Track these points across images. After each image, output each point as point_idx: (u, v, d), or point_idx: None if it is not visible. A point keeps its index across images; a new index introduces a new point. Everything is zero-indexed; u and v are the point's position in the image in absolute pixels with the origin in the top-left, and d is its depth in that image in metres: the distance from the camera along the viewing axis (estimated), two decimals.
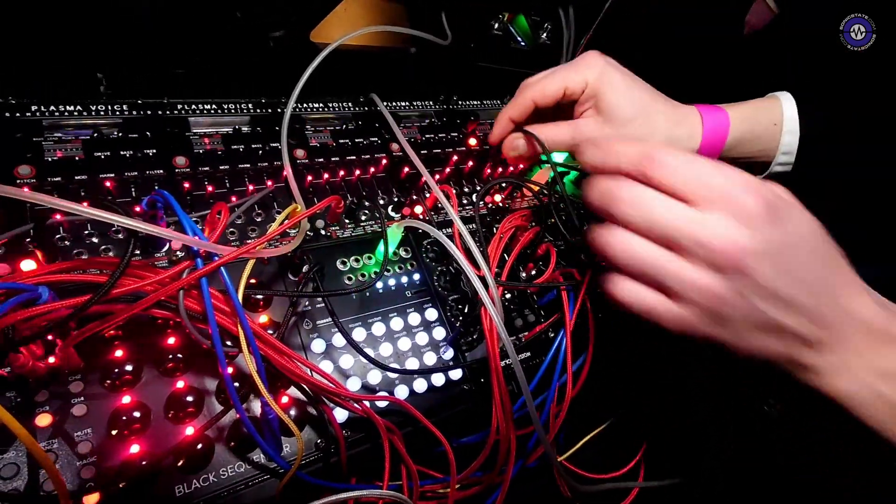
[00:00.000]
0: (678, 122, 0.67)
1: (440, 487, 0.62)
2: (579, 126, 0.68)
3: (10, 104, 0.57)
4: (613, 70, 0.66)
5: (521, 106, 0.70)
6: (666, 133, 0.66)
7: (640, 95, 0.66)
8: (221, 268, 0.43)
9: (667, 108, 0.67)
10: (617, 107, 0.65)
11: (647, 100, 0.66)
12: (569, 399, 0.61)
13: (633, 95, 0.65)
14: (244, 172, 0.65)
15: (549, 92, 0.67)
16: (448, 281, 0.69)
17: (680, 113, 0.68)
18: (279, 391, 0.52)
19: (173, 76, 0.68)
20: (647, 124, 0.66)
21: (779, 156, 0.68)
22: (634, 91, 0.66)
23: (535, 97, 0.68)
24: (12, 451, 0.42)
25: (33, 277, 0.41)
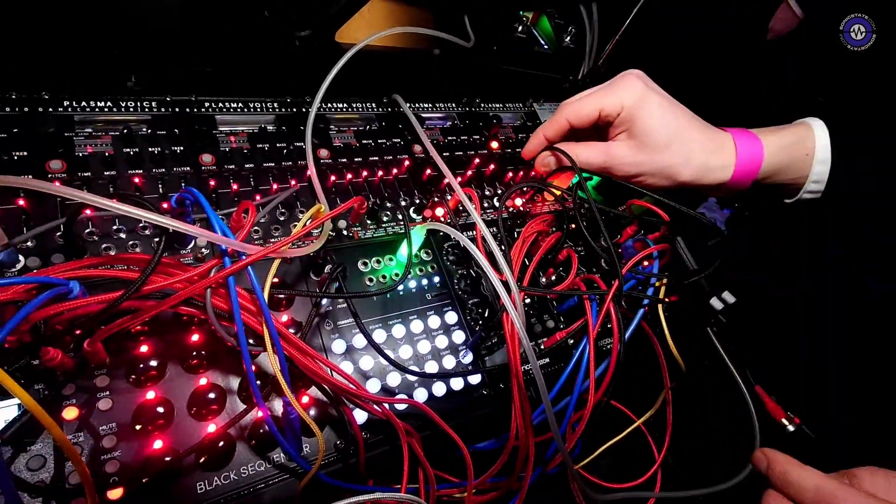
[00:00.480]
0: (713, 151, 0.66)
1: (457, 492, 0.62)
2: (611, 149, 0.68)
3: (44, 99, 0.58)
4: (652, 94, 0.65)
5: (557, 125, 0.71)
6: (700, 162, 0.66)
7: (677, 122, 0.65)
8: (248, 267, 0.43)
9: (702, 136, 0.66)
10: (652, 133, 0.64)
11: (682, 126, 0.66)
12: (591, 407, 0.60)
13: (668, 122, 0.65)
14: (269, 171, 0.65)
15: (585, 113, 0.68)
16: (468, 284, 0.68)
17: (715, 141, 0.67)
18: (300, 391, 0.52)
19: (201, 74, 0.68)
20: (681, 152, 0.65)
21: (809, 184, 0.67)
22: (670, 117, 0.65)
23: (571, 117, 0.69)
24: (39, 442, 0.43)
25: (65, 272, 0.41)
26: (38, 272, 0.44)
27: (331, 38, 0.75)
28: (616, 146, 0.67)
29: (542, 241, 0.70)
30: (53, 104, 0.59)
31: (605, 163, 0.68)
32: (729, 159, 0.66)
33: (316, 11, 0.72)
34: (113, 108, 0.61)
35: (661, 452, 0.79)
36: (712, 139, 0.67)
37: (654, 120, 0.64)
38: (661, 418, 0.78)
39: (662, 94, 0.67)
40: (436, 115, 0.85)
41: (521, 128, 0.92)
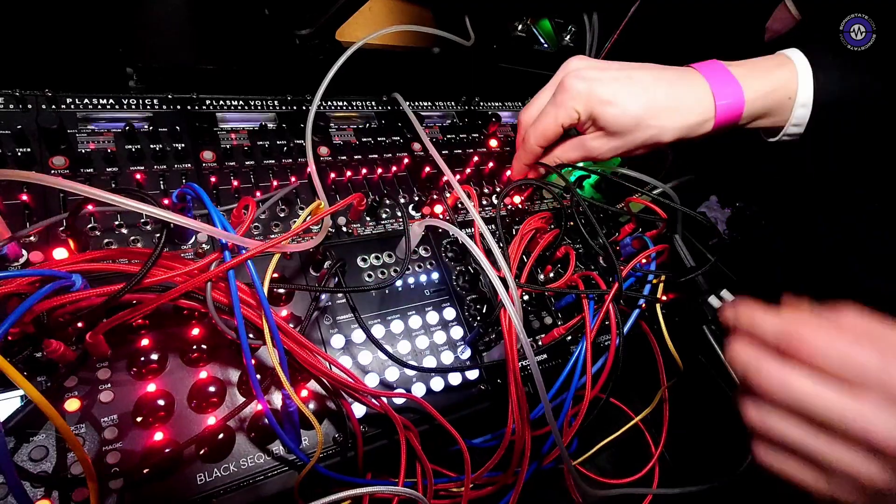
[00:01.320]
0: (687, 109, 0.63)
1: (454, 486, 0.63)
2: (586, 143, 0.68)
3: (46, 96, 0.59)
4: (597, 85, 0.63)
5: (531, 152, 0.72)
6: (676, 125, 0.64)
7: (636, 100, 0.63)
8: (248, 261, 0.43)
9: (668, 98, 0.64)
10: (615, 122, 0.64)
11: (644, 100, 0.63)
12: (587, 402, 0.61)
13: (627, 104, 0.63)
14: (269, 168, 0.66)
15: (550, 135, 0.68)
16: (466, 280, 0.69)
17: (685, 97, 0.64)
18: (299, 384, 0.53)
19: (203, 72, 0.69)
20: (652, 125, 0.64)
21: (788, 127, 0.65)
22: (627, 100, 0.63)
23: (540, 142, 0.70)
24: (42, 433, 0.43)
25: (67, 265, 0.42)
26: (40, 265, 0.45)
27: (331, 37, 0.76)
28: (589, 139, 0.68)
29: (540, 238, 0.71)
30: (56, 101, 0.59)
31: (584, 154, 0.69)
32: (708, 112, 0.64)
33: (316, 10, 0.72)
34: (115, 106, 0.62)
35: (658, 449, 0.79)
36: (681, 96, 0.64)
37: (612, 111, 0.63)
38: (659, 415, 0.79)
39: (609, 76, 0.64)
40: (435, 113, 0.86)
41: None
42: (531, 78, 0.98)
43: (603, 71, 0.66)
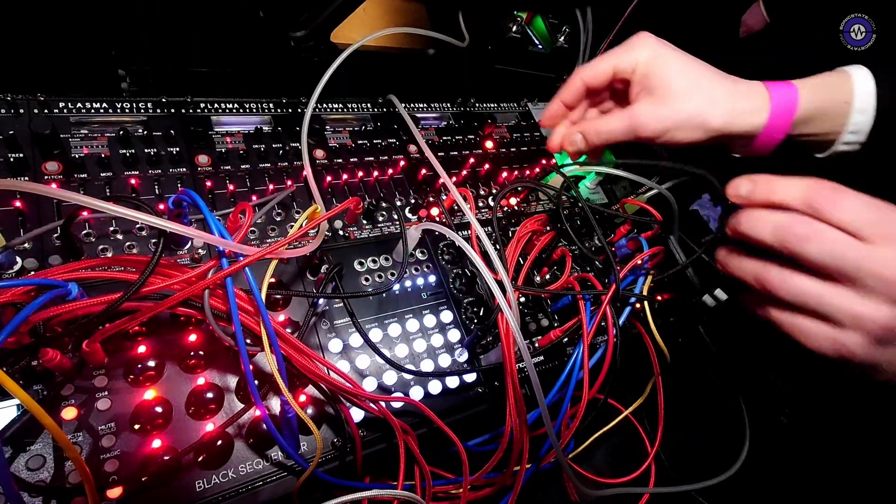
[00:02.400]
0: (741, 94, 0.62)
1: (453, 488, 0.63)
2: (634, 111, 0.64)
3: (39, 100, 0.58)
4: (666, 47, 0.63)
5: (572, 87, 0.69)
6: (728, 107, 0.61)
7: (696, 70, 0.62)
8: (246, 268, 0.43)
9: (727, 83, 0.63)
10: (672, 83, 0.61)
11: (704, 74, 0.62)
12: (584, 404, 0.61)
13: (687, 70, 0.62)
14: (265, 172, 0.66)
15: (599, 71, 0.66)
16: (463, 283, 0.69)
17: (743, 87, 0.63)
18: (297, 390, 0.53)
19: (197, 75, 0.68)
20: (707, 101, 0.61)
21: (845, 135, 0.63)
22: (689, 66, 0.62)
23: (585, 77, 0.67)
24: (39, 442, 0.43)
25: (63, 274, 0.41)
26: (37, 274, 0.45)
27: (326, 39, 0.75)
28: (638, 106, 0.64)
29: (536, 240, 0.71)
30: (49, 105, 0.59)
31: (630, 126, 0.64)
32: (761, 102, 0.62)
33: (311, 12, 0.72)
34: (108, 110, 0.61)
35: (654, 447, 0.80)
36: (738, 85, 0.63)
37: (672, 70, 0.62)
38: (654, 415, 0.80)
39: (678, 50, 0.64)
40: (431, 115, 0.86)
41: (516, 127, 0.93)
42: (526, 79, 0.98)
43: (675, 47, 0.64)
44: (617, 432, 0.84)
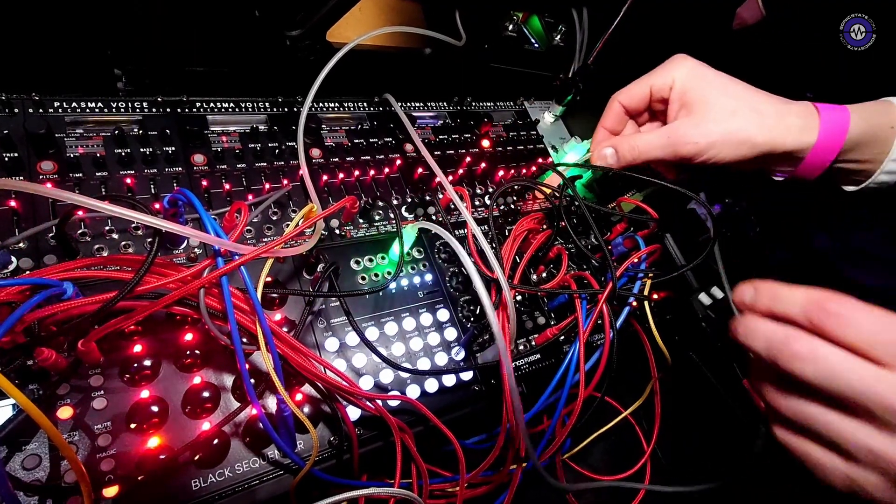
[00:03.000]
0: (791, 112, 0.59)
1: (449, 486, 0.63)
2: (673, 128, 0.62)
3: (34, 100, 0.58)
4: (704, 67, 0.61)
5: (612, 112, 0.68)
6: (776, 120, 0.58)
7: (739, 88, 0.60)
8: (241, 266, 0.43)
9: (773, 100, 0.60)
10: (713, 100, 0.59)
11: (748, 91, 0.60)
12: (580, 402, 0.61)
13: (728, 87, 0.60)
14: (261, 171, 0.66)
15: (635, 93, 0.65)
16: (460, 282, 0.69)
17: (792, 105, 0.60)
18: (294, 388, 0.53)
19: (192, 74, 0.68)
20: (752, 116, 0.58)
21: (887, 163, 0.60)
22: (730, 84, 0.60)
23: (622, 99, 0.66)
24: (35, 442, 0.43)
25: (58, 273, 0.41)
26: (32, 273, 0.45)
27: (322, 38, 0.75)
28: (678, 123, 0.62)
29: (532, 238, 0.71)
30: (44, 105, 0.59)
31: (668, 143, 0.61)
32: (811, 120, 0.58)
33: (307, 11, 0.72)
34: (104, 109, 0.61)
35: (650, 445, 0.80)
36: (787, 103, 0.60)
37: (713, 87, 0.59)
38: (650, 412, 0.80)
39: (716, 70, 0.62)
40: (427, 113, 0.86)
41: (512, 126, 0.93)
42: (522, 77, 0.98)
43: (710, 67, 0.62)
44: (615, 432, 0.85)
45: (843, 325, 0.37)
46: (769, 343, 0.40)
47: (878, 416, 0.35)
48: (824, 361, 0.37)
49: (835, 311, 0.37)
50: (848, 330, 0.37)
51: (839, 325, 0.37)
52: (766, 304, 0.41)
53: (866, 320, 0.36)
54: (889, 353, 0.35)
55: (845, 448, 0.37)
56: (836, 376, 0.36)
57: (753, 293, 0.43)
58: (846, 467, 0.38)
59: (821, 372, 0.37)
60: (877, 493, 0.37)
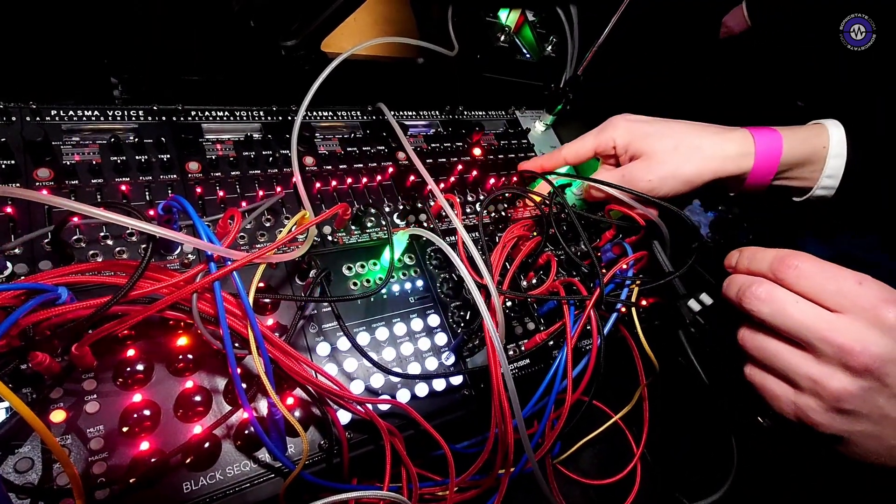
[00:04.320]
0: (727, 140, 0.67)
1: (439, 490, 0.64)
2: (626, 169, 0.71)
3: (31, 108, 0.59)
4: (638, 122, 0.69)
5: (554, 161, 0.77)
6: (714, 151, 0.66)
7: (677, 127, 0.68)
8: (234, 272, 0.44)
9: (709, 133, 0.68)
10: (655, 144, 0.67)
11: (684, 129, 0.68)
12: (568, 406, 0.62)
13: (665, 131, 0.67)
14: (255, 178, 0.67)
15: (582, 153, 0.74)
16: (451, 288, 0.70)
17: (728, 133, 0.67)
18: (285, 392, 0.54)
19: (188, 83, 0.70)
20: (692, 149, 0.66)
21: (823, 179, 0.68)
22: (665, 128, 0.68)
23: (568, 157, 0.75)
24: (27, 445, 0.44)
25: (53, 278, 0.42)
26: (27, 278, 0.45)
27: (316, 48, 0.77)
28: (630, 167, 0.70)
29: (522, 245, 0.72)
30: (41, 113, 0.60)
31: (624, 182, 0.70)
32: (747, 147, 0.66)
33: (302, 21, 0.73)
34: (100, 117, 0.62)
35: (639, 449, 0.81)
36: (723, 132, 0.67)
37: (651, 136, 0.67)
38: (640, 416, 0.81)
39: (650, 118, 0.70)
40: (420, 122, 0.87)
41: (504, 135, 0.94)
42: (514, 87, 1.00)
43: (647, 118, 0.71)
44: (606, 437, 0.86)
45: (798, 276, 0.45)
46: (738, 288, 0.50)
47: (818, 348, 0.43)
48: (779, 303, 0.46)
49: (793, 264, 0.46)
50: (801, 280, 0.45)
51: (796, 276, 0.46)
52: (745, 264, 0.51)
53: (818, 272, 0.45)
54: (832, 299, 0.43)
55: (793, 378, 0.46)
56: (787, 315, 0.45)
57: (737, 255, 0.53)
58: (794, 395, 0.46)
59: (775, 311, 0.46)
60: (816, 416, 0.45)
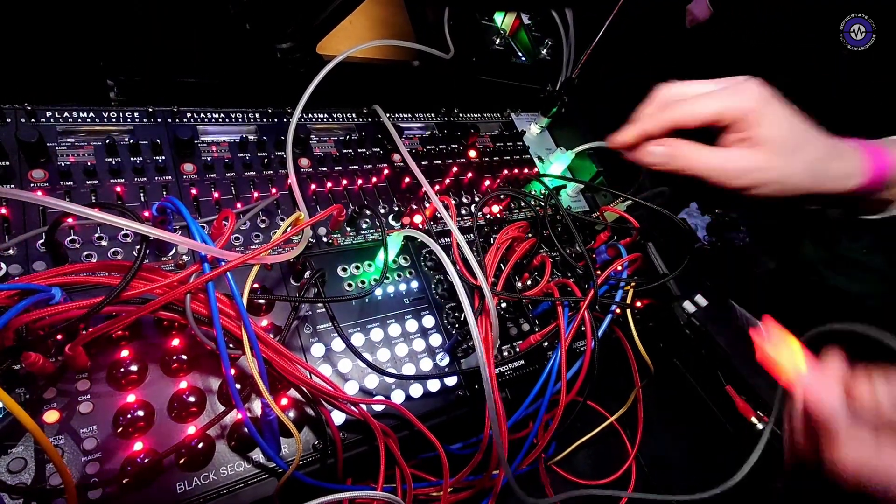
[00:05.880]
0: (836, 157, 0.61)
1: (433, 490, 0.64)
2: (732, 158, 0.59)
3: (26, 110, 0.59)
4: (775, 100, 0.59)
5: (661, 126, 0.61)
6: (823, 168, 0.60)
7: (801, 127, 0.60)
8: (228, 272, 0.44)
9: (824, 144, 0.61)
10: (779, 139, 0.59)
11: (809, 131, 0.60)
12: (562, 407, 0.63)
13: (794, 127, 0.60)
14: (250, 180, 0.67)
15: (701, 117, 0.59)
16: (445, 289, 0.70)
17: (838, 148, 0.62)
18: (279, 393, 0.54)
19: (183, 85, 0.70)
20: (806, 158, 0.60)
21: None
22: (796, 123, 0.60)
23: (681, 120, 0.60)
24: (20, 445, 0.44)
25: (47, 278, 0.42)
26: (19, 279, 0.46)
27: (312, 50, 0.77)
28: (737, 154, 0.59)
29: (517, 246, 0.72)
30: (36, 115, 0.60)
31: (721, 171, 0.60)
32: (853, 168, 0.61)
33: (297, 24, 0.74)
34: (95, 119, 0.62)
35: (633, 449, 0.82)
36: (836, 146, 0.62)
37: (782, 126, 0.59)
38: (634, 417, 0.81)
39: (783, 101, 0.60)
40: (415, 124, 0.88)
41: (499, 137, 0.95)
42: (509, 90, 1.01)
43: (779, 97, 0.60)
44: (601, 438, 0.86)
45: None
46: None
47: None
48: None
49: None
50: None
51: None
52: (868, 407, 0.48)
53: None
54: None
55: None
56: None
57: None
58: None
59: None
60: None
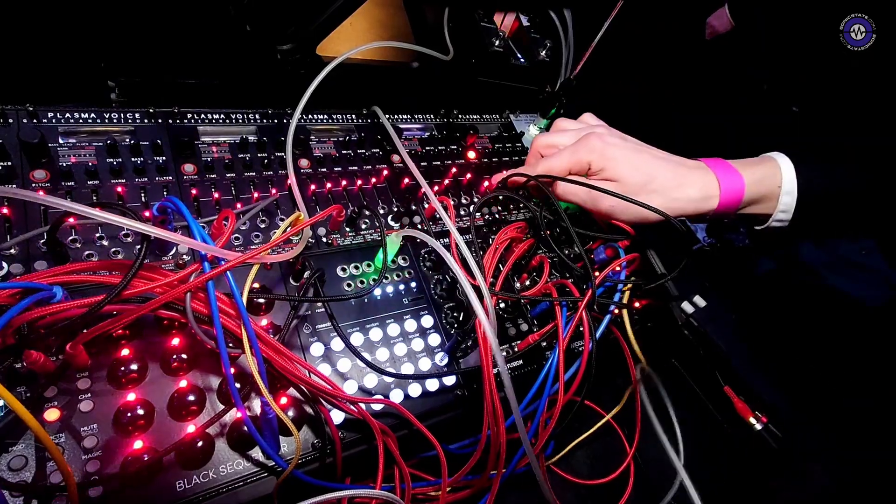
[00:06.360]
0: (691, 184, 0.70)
1: (432, 490, 0.64)
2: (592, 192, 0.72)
3: (28, 110, 0.59)
4: (612, 149, 0.71)
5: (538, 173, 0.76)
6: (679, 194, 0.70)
7: (645, 163, 0.70)
8: (227, 272, 0.45)
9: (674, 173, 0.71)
10: (627, 174, 0.70)
11: (654, 163, 0.71)
12: (560, 407, 0.63)
13: (636, 166, 0.70)
14: (250, 180, 0.67)
15: (558, 171, 0.74)
16: (444, 289, 0.71)
17: (690, 176, 0.71)
18: (279, 392, 0.54)
19: (184, 86, 0.70)
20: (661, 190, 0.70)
21: (777, 214, 0.72)
22: (637, 162, 0.70)
23: (548, 172, 0.75)
24: (21, 443, 0.44)
25: (48, 277, 0.43)
26: (21, 278, 0.46)
27: (312, 52, 0.78)
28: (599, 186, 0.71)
29: (515, 247, 0.73)
30: (37, 115, 0.60)
31: (589, 198, 0.72)
32: (712, 191, 0.70)
33: (297, 26, 0.74)
34: (97, 120, 0.63)
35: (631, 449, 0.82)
36: (687, 172, 0.71)
37: (625, 168, 0.69)
38: (632, 417, 0.81)
39: (624, 143, 0.72)
40: (414, 125, 0.88)
41: (498, 138, 0.95)
42: (508, 91, 1.01)
43: (621, 139, 0.73)
44: (599, 437, 0.86)
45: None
46: None
47: None
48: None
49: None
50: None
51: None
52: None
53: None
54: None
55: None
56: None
57: None
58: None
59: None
60: None
